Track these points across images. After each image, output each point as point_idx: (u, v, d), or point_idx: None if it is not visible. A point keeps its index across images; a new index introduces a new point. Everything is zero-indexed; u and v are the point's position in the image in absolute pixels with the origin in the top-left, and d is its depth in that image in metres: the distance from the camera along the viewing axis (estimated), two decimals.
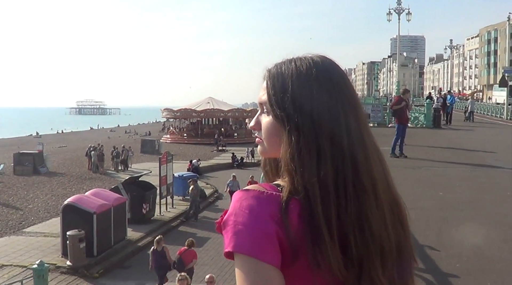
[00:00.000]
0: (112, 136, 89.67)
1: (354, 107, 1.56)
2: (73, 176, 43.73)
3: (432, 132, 32.00)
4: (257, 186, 1.51)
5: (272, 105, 1.56)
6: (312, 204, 1.43)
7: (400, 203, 1.62)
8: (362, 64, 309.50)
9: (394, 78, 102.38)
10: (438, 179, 15.50)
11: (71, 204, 21.47)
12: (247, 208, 1.42)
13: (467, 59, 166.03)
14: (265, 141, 1.61)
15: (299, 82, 1.54)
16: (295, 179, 1.46)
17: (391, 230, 1.52)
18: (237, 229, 1.41)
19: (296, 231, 1.41)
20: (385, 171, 1.60)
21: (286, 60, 1.63)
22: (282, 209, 1.42)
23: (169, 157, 30.11)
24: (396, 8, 53.74)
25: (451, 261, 7.75)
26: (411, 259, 1.62)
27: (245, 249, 1.39)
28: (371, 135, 1.60)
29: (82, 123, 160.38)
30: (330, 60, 1.63)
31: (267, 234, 1.39)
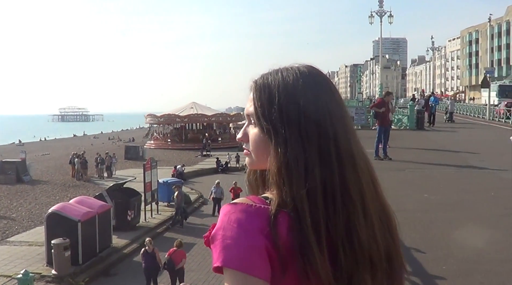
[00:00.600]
0: (96, 143, 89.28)
1: (341, 117, 1.55)
2: (57, 183, 43.50)
3: (415, 134, 32.20)
4: (245, 199, 1.48)
5: (259, 118, 1.54)
6: (301, 216, 1.41)
7: (389, 212, 1.61)
8: (345, 67, 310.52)
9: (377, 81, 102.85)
10: (423, 180, 15.60)
11: (55, 212, 21.33)
12: (236, 222, 1.40)
13: (449, 61, 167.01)
14: (253, 153, 1.59)
15: (286, 93, 1.52)
16: (283, 192, 1.44)
17: (380, 240, 1.51)
18: (225, 243, 1.39)
19: (285, 244, 1.39)
20: (374, 180, 1.58)
21: (273, 70, 1.61)
22: (271, 222, 1.40)
23: (153, 163, 30.01)
24: (378, 10, 54.00)
25: (437, 263, 7.78)
26: (402, 267, 1.61)
27: (234, 263, 1.36)
28: (359, 144, 1.59)
29: (65, 130, 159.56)
30: (316, 70, 1.62)
31: (256, 248, 1.37)
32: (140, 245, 23.09)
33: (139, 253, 21.50)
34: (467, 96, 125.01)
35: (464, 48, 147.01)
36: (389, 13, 54.22)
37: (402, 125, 38.91)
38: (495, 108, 50.15)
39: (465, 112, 57.79)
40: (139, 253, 21.65)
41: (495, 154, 21.20)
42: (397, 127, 38.31)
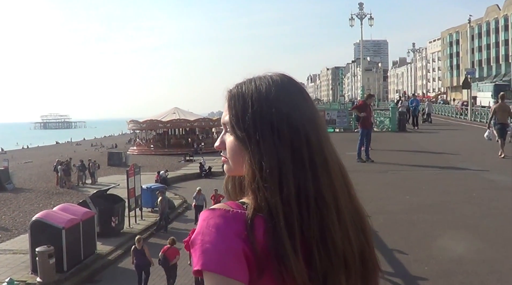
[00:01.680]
0: (78, 150, 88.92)
1: (314, 123, 1.61)
2: (40, 191, 43.30)
3: (397, 136, 32.37)
4: (223, 205, 1.54)
5: (233, 127, 1.60)
6: (276, 220, 1.47)
7: (362, 214, 1.67)
8: (327, 69, 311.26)
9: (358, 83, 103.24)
10: (405, 182, 15.70)
11: (39, 220, 21.28)
12: (214, 226, 1.46)
13: (430, 62, 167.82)
14: (230, 160, 1.65)
15: (259, 102, 1.58)
16: (259, 197, 1.50)
17: (354, 241, 1.57)
18: (204, 247, 1.44)
19: (261, 247, 1.45)
20: (347, 184, 1.64)
21: (247, 80, 1.67)
22: (247, 227, 1.46)
23: (137, 169, 29.99)
24: (358, 13, 54.28)
25: (419, 264, 7.86)
26: (376, 268, 1.68)
27: (213, 266, 1.42)
28: (333, 148, 1.64)
29: (47, 137, 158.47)
30: (289, 78, 1.68)
31: (234, 251, 1.43)
32: (124, 251, 23.10)
33: (123, 259, 21.53)
34: (449, 97, 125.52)
35: (444, 49, 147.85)
36: (369, 15, 54.57)
37: (384, 127, 39.05)
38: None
39: (447, 114, 58.22)
40: (123, 260, 21.73)
41: (476, 154, 21.39)
42: (379, 130, 38.47)
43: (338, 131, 38.85)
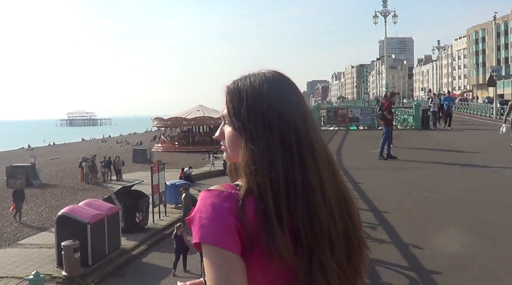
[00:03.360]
0: (104, 147, 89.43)
1: (302, 114, 1.81)
2: (66, 187, 43.76)
3: (420, 134, 32.31)
4: (218, 186, 1.77)
5: (231, 117, 1.82)
6: (265, 200, 1.68)
7: (347, 197, 1.85)
8: (351, 67, 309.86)
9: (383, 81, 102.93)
10: (425, 179, 15.77)
11: (65, 214, 21.58)
12: (210, 205, 1.69)
13: (456, 60, 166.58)
14: (228, 149, 1.87)
15: (252, 96, 1.80)
16: (251, 180, 1.72)
17: (338, 221, 1.76)
18: (202, 223, 1.67)
19: (251, 224, 1.66)
20: (333, 170, 1.84)
21: (243, 76, 1.88)
22: (239, 205, 1.68)
23: (161, 166, 30.22)
24: (382, 10, 53.95)
25: (434, 259, 7.99)
26: (361, 245, 1.86)
27: (209, 239, 1.65)
28: (319, 136, 1.84)
29: (73, 134, 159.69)
30: (280, 75, 1.89)
31: (227, 226, 1.65)
32: (148, 246, 23.40)
33: (147, 254, 21.86)
34: (476, 95, 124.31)
35: (470, 46, 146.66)
36: (393, 13, 54.16)
37: (407, 125, 38.95)
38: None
39: (472, 112, 57.77)
40: (148, 255, 22.02)
41: (498, 152, 21.31)
42: (403, 127, 38.43)
43: (362, 129, 38.84)
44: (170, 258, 18.30)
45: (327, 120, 40.95)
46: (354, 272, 1.83)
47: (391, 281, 7.11)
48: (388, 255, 8.14)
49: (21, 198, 32.30)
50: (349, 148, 25.27)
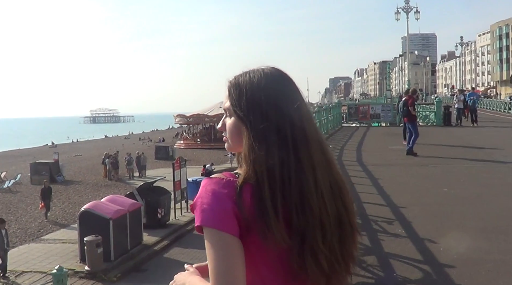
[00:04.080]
0: (126, 144, 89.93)
1: (298, 108, 1.95)
2: (89, 183, 44.18)
3: (442, 130, 32.24)
4: (219, 175, 1.92)
5: (233, 111, 1.97)
6: (261, 187, 1.82)
7: (340, 185, 1.99)
8: (374, 64, 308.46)
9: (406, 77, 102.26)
10: (444, 175, 15.81)
11: (87, 210, 21.83)
12: (210, 191, 1.84)
13: (479, 56, 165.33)
14: (229, 140, 2.02)
15: (251, 91, 1.94)
16: (249, 168, 1.87)
17: (329, 207, 1.90)
18: (203, 208, 1.82)
19: (248, 209, 1.81)
20: (327, 159, 1.98)
21: (243, 72, 2.03)
22: (237, 191, 1.83)
23: (183, 162, 30.38)
24: (404, 7, 53.71)
25: (448, 253, 8.07)
26: (354, 231, 2.00)
27: (209, 222, 1.80)
28: (315, 130, 1.99)
29: (96, 131, 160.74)
30: (278, 71, 2.03)
31: (226, 211, 1.80)
32: (170, 242, 23.60)
33: (169, 250, 22.07)
34: (499, 92, 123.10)
35: (494, 42, 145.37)
36: (416, 9, 53.87)
37: (429, 121, 38.83)
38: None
39: (495, 108, 57.33)
40: (169, 250, 22.24)
41: None
42: (424, 124, 38.34)
43: (384, 126, 38.77)
44: (192, 253, 18.47)
45: (348, 117, 40.94)
46: (347, 256, 1.96)
47: (405, 274, 7.22)
48: (403, 249, 8.25)
49: (49, 196, 32.54)
50: (370, 144, 25.32)
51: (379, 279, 7.20)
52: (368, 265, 7.64)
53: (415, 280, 7.05)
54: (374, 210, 11.14)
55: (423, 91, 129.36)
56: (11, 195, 41.08)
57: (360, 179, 15.05)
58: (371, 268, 7.53)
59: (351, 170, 16.83)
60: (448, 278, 7.12)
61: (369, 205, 11.63)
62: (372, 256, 8.12)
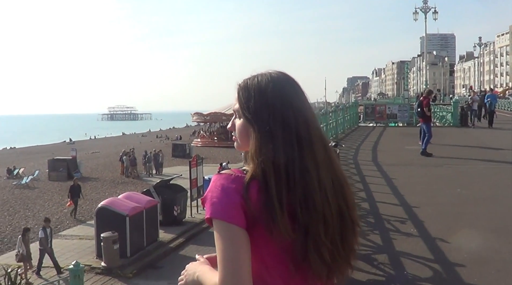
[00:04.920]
0: (144, 141, 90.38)
1: (303, 110, 2.09)
2: (106, 180, 44.48)
3: (458, 131, 32.15)
4: (228, 171, 2.06)
5: (241, 112, 2.12)
6: (267, 184, 1.96)
7: (342, 182, 2.13)
8: (392, 63, 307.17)
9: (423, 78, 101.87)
10: (458, 176, 15.85)
11: (104, 207, 22.07)
12: (220, 186, 1.99)
13: (498, 57, 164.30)
14: (238, 139, 2.17)
15: (259, 94, 2.08)
16: (257, 165, 2.00)
17: (331, 202, 2.03)
18: (212, 201, 1.97)
19: (255, 203, 1.95)
20: (330, 158, 2.12)
21: (252, 76, 2.16)
22: (244, 187, 1.97)
23: (199, 160, 30.56)
24: (422, 7, 53.48)
25: (459, 252, 8.15)
26: (354, 225, 2.14)
27: (218, 214, 1.95)
28: (319, 130, 2.13)
29: (114, 129, 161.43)
30: (285, 75, 2.17)
31: (234, 204, 1.95)
32: (186, 239, 23.80)
33: (185, 247, 22.24)
34: None
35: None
36: (434, 9, 53.65)
37: (446, 122, 38.76)
38: None
39: None
40: (185, 247, 22.41)
41: None
42: (441, 124, 38.26)
43: (402, 126, 38.72)
44: (207, 251, 18.27)
45: (365, 117, 40.96)
46: (348, 248, 2.11)
47: (415, 273, 7.31)
48: (415, 248, 8.34)
49: (77, 193, 32.74)
50: (386, 145, 25.37)
51: (390, 277, 7.31)
52: (379, 263, 7.75)
53: (425, 278, 7.14)
54: (387, 209, 11.24)
55: (440, 92, 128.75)
56: (29, 190, 41.52)
57: (374, 179, 15.14)
58: (382, 266, 7.63)
59: (366, 169, 16.93)
60: (458, 276, 7.21)
61: (383, 204, 11.73)
62: (383, 254, 8.22)
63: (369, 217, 10.72)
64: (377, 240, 9.01)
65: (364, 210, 11.29)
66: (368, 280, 7.05)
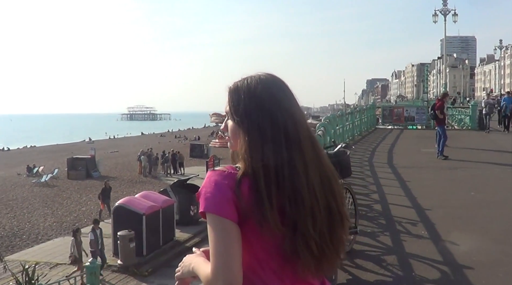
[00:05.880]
0: (162, 142, 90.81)
1: (291, 111, 2.21)
2: (124, 179, 44.85)
3: (476, 135, 31.94)
4: (222, 167, 2.19)
5: (231, 114, 2.25)
6: (257, 181, 2.09)
7: (330, 178, 2.25)
8: (412, 66, 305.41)
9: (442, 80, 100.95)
10: (473, 179, 15.81)
11: (121, 205, 22.32)
12: (213, 182, 2.11)
13: None
14: (231, 139, 2.29)
15: (249, 96, 2.21)
16: (247, 164, 2.13)
17: (319, 198, 2.15)
18: (206, 196, 2.10)
19: (246, 199, 2.08)
20: (318, 155, 2.24)
21: (242, 78, 2.29)
22: (236, 183, 2.10)
23: (216, 161, 30.84)
24: (442, 9, 53.16)
25: (468, 255, 8.20)
26: (344, 219, 2.26)
27: (211, 209, 2.08)
28: (307, 130, 2.24)
29: (133, 128, 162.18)
30: (274, 77, 2.30)
31: (226, 199, 2.07)
32: (202, 239, 23.94)
33: (201, 246, 22.23)
34: None
35: None
36: (454, 11, 53.31)
37: (464, 125, 38.61)
38: None
39: None
40: (201, 247, 22.47)
41: None
42: (459, 128, 38.12)
43: (420, 128, 38.58)
44: None
45: (383, 119, 40.93)
46: (336, 241, 2.22)
47: (423, 274, 7.38)
48: (424, 250, 8.39)
49: (108, 195, 33.00)
50: (402, 147, 25.35)
51: (397, 277, 7.37)
52: (387, 264, 7.81)
53: (432, 280, 7.20)
54: (399, 211, 11.29)
55: (460, 95, 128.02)
56: (48, 188, 41.99)
57: (388, 181, 15.17)
58: (391, 267, 7.69)
59: (380, 171, 16.97)
60: (465, 279, 7.26)
61: (395, 206, 11.78)
62: (392, 255, 8.28)
63: (381, 219, 10.77)
64: (387, 242, 9.09)
65: (376, 211, 11.37)
66: (375, 281, 7.13)
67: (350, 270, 7.54)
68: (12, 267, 20.73)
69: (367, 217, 10.70)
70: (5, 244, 26.97)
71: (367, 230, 9.66)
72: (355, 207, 8.80)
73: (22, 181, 46.43)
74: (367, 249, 8.64)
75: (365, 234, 9.32)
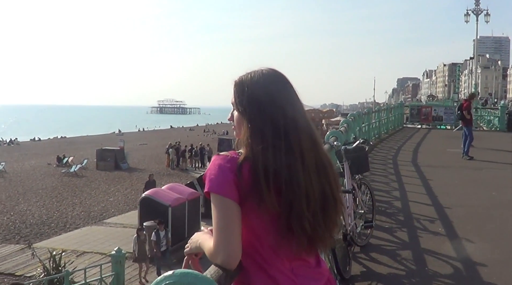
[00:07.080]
0: (191, 135, 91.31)
1: (291, 102, 2.46)
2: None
3: (505, 136, 31.68)
4: (226, 152, 2.44)
5: (237, 105, 2.50)
6: (257, 164, 2.33)
7: (326, 165, 2.49)
8: (443, 65, 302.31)
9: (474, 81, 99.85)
10: (496, 180, 15.79)
11: (148, 197, 22.62)
12: (217, 165, 2.37)
13: None
14: (236, 128, 2.54)
15: (251, 88, 2.46)
16: (248, 149, 2.38)
17: (314, 182, 2.39)
18: (210, 178, 2.35)
19: (246, 181, 2.32)
20: (316, 144, 2.48)
21: (246, 73, 2.54)
22: (238, 166, 2.34)
23: None
24: (474, 9, 52.72)
25: (483, 253, 8.31)
26: (337, 203, 2.50)
27: (214, 189, 2.34)
28: (306, 120, 2.48)
29: (163, 122, 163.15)
30: (275, 71, 2.55)
31: (228, 181, 2.32)
32: None
33: None
34: None
35: None
36: (486, 11, 52.84)
37: (493, 126, 38.39)
38: None
39: None
40: None
41: None
42: (488, 129, 37.92)
43: (450, 128, 38.36)
44: None
45: (410, 118, 40.81)
46: (329, 222, 2.46)
47: (436, 269, 7.52)
48: (440, 247, 8.54)
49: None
50: (428, 146, 25.34)
51: (410, 271, 7.54)
52: (402, 258, 7.98)
53: (445, 275, 7.35)
54: (418, 208, 11.41)
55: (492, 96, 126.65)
56: (77, 178, 42.58)
57: (411, 179, 15.27)
58: (405, 261, 7.86)
59: (403, 169, 17.05)
60: (477, 275, 7.41)
61: (415, 203, 11.90)
62: (407, 250, 8.45)
63: (399, 215, 10.92)
64: (403, 237, 9.25)
65: (395, 208, 11.51)
66: (388, 273, 7.32)
67: (364, 262, 7.75)
68: (40, 254, 21.17)
69: (386, 213, 10.87)
70: (34, 231, 27.50)
71: (385, 226, 9.84)
72: (373, 202, 8.98)
73: (52, 171, 47.12)
74: (383, 243, 8.81)
75: (382, 229, 9.50)
